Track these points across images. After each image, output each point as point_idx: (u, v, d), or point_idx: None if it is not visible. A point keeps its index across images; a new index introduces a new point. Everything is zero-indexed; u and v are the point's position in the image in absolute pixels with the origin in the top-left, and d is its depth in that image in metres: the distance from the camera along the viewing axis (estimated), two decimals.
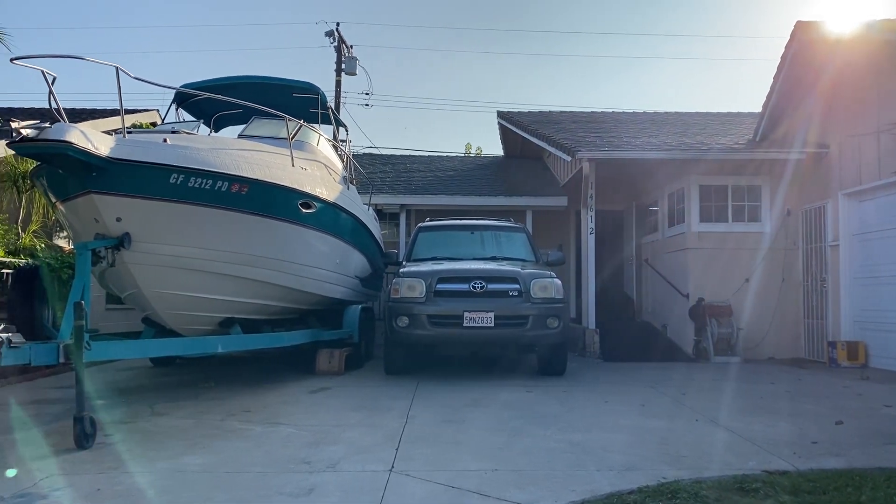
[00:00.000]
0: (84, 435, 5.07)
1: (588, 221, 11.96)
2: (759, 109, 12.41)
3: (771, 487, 4.05)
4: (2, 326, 5.06)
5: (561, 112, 18.65)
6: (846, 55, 10.41)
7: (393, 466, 4.62)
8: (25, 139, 5.19)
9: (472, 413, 6.49)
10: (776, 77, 11.40)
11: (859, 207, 10.52)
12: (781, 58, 11.10)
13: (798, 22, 10.46)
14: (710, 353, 11.23)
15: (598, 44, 73.97)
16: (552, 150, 13.74)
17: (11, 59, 5.23)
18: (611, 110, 19.21)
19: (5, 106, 14.26)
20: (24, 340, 5.17)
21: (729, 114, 17.31)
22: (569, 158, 12.56)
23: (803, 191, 11.69)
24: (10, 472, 4.30)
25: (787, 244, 11.84)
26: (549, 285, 8.54)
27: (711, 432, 5.73)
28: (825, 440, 5.38)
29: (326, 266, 9.02)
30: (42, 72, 5.48)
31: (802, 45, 10.66)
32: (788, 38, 10.76)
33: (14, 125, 5.12)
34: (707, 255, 11.85)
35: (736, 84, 75.25)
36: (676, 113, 17.89)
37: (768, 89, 11.69)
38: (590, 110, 18.98)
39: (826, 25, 10.32)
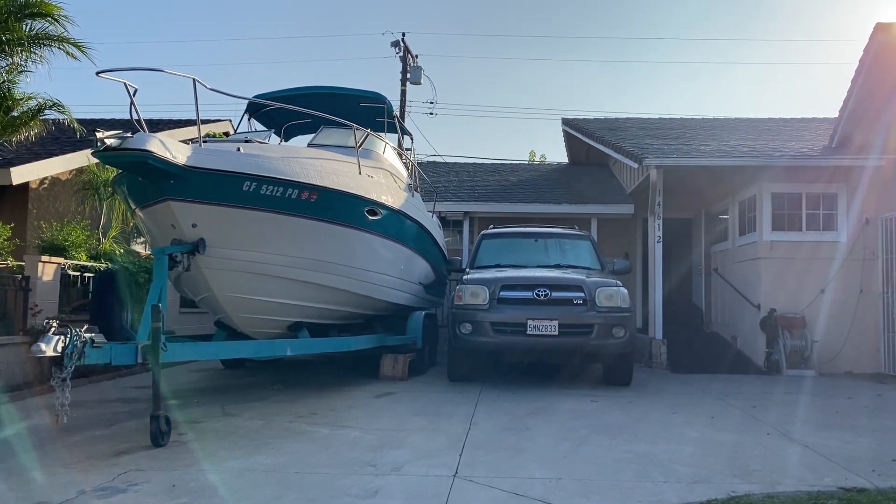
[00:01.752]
0: (160, 433, 5.27)
1: (655, 230, 11.76)
2: (835, 114, 11.99)
3: None
4: (85, 327, 5.29)
5: (627, 119, 18.41)
6: None
7: (456, 472, 4.64)
8: (109, 148, 5.45)
9: (535, 421, 6.46)
10: (854, 80, 10.98)
11: None
12: (860, 61, 10.70)
13: (878, 24, 10.08)
14: (782, 365, 10.87)
15: (668, 50, 72.71)
16: (618, 156, 13.57)
17: (97, 73, 5.51)
18: (679, 116, 18.86)
19: (90, 117, 14.94)
20: (105, 341, 5.40)
21: (803, 119, 16.77)
22: (635, 165, 12.39)
23: (883, 199, 11.20)
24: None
25: (866, 254, 11.35)
26: (614, 294, 8.43)
27: (784, 446, 5.55)
28: None
29: (391, 272, 9.13)
30: (125, 84, 5.75)
31: (882, 47, 10.25)
32: (868, 40, 10.38)
33: (98, 135, 5.38)
34: (779, 264, 11.47)
35: (812, 89, 72.83)
36: (748, 119, 17.45)
37: (846, 93, 11.29)
38: (657, 116, 18.67)
39: None
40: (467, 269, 9.86)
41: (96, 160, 6.99)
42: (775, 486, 4.37)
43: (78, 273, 9.95)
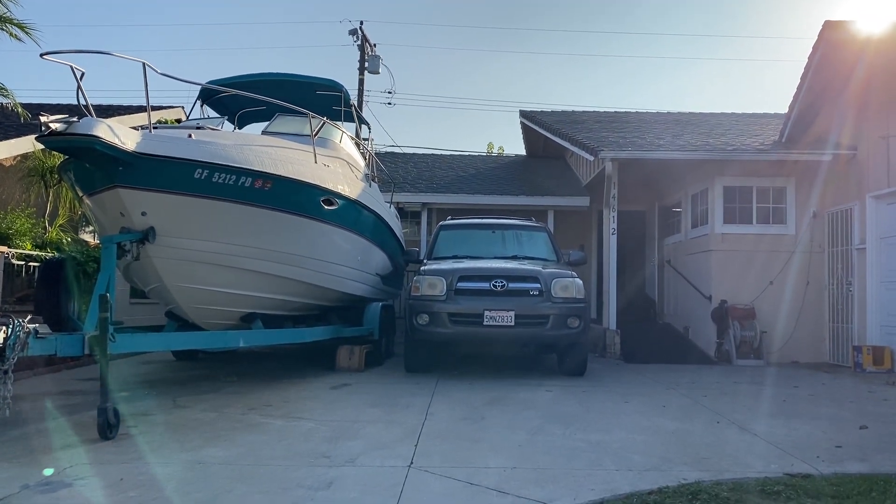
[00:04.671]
0: (107, 426, 5.14)
1: (610, 222, 11.90)
2: (785, 110, 12.27)
3: (793, 490, 4.00)
4: (29, 318, 5.12)
5: (584, 112, 18.56)
6: (876, 55, 10.25)
7: (412, 462, 4.63)
8: (54, 133, 5.27)
9: (491, 411, 6.48)
10: (803, 77, 11.25)
11: (887, 210, 10.35)
12: (809, 58, 10.96)
13: (826, 21, 10.33)
14: (732, 355, 11.13)
15: (632, 44, 73.52)
16: (574, 149, 13.68)
17: (41, 55, 5.31)
18: (635, 110, 19.09)
19: (34, 101, 14.45)
20: (50, 332, 5.24)
21: (754, 115, 17.14)
22: (591, 158, 12.50)
23: (830, 193, 11.52)
24: (48, 472, 4.33)
25: (813, 247, 11.68)
26: (570, 285, 8.51)
27: (733, 434, 5.67)
28: (849, 444, 5.30)
29: (348, 263, 9.05)
30: (71, 67, 5.56)
31: (830, 45, 10.52)
32: (816, 38, 10.63)
33: (43, 119, 5.20)
34: (730, 256, 11.73)
35: (763, 85, 74.47)
36: (701, 113, 17.74)
37: (795, 90, 11.56)
38: (614, 110, 18.88)
39: (855, 25, 10.18)
40: (425, 261, 9.84)
41: (41, 146, 6.76)
42: (724, 473, 4.45)
43: (23, 262, 9.65)
